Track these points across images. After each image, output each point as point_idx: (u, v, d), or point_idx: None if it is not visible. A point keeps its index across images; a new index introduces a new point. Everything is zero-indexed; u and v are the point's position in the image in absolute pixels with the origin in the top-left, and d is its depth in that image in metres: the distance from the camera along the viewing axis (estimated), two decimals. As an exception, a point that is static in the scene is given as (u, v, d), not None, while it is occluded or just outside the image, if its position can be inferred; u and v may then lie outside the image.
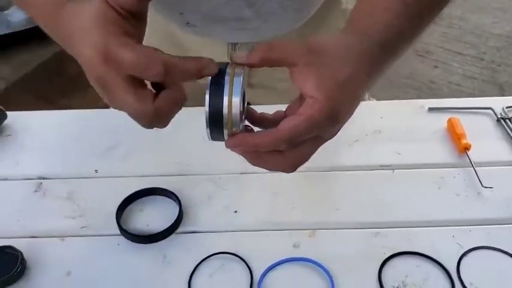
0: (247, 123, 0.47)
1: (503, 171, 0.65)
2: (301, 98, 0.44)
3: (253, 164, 0.46)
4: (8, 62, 2.24)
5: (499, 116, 0.72)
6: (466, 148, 0.66)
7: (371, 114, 0.73)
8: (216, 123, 0.43)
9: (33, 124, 0.75)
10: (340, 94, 0.43)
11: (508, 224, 0.59)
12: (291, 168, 0.46)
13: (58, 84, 2.12)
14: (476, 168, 0.64)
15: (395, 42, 0.47)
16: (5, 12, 2.25)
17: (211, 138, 0.46)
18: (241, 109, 0.43)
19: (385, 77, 0.50)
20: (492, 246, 0.56)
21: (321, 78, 0.42)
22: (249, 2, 0.62)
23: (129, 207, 0.62)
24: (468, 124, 0.70)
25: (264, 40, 0.62)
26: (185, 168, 0.67)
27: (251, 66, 0.44)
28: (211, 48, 0.71)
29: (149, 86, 0.43)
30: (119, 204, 0.61)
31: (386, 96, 1.96)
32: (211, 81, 0.43)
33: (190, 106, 0.75)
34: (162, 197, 0.62)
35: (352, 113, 0.45)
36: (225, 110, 0.42)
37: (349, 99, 0.44)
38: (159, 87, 0.42)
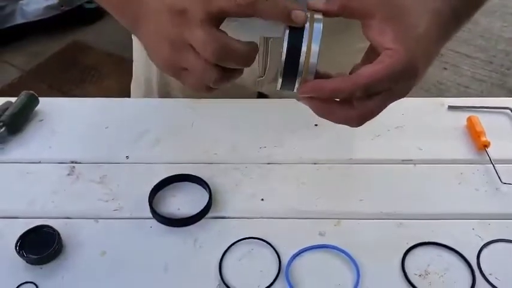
0: None
1: (521, 169, 0.67)
2: (369, 55, 0.45)
3: (320, 115, 0.46)
4: (22, 52, 2.26)
5: (517, 116, 0.74)
6: (485, 145, 0.68)
7: (393, 110, 0.74)
8: (290, 71, 0.42)
9: (65, 110, 0.77)
10: (417, 47, 0.43)
11: (525, 219, 0.61)
12: (359, 121, 0.46)
13: (71, 74, 2.15)
14: (495, 165, 0.66)
15: (461, 12, 0.49)
16: (21, 2, 2.27)
17: (281, 87, 0.45)
18: (318, 59, 0.42)
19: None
20: (511, 239, 0.59)
21: (399, 30, 0.43)
22: None
23: (161, 192, 0.64)
24: (487, 123, 0.72)
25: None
26: (212, 156, 0.69)
27: (328, 13, 0.44)
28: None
29: None
30: (150, 189, 0.63)
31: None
32: (289, 29, 0.42)
33: (216, 97, 0.78)
34: (192, 183, 0.65)
35: (425, 72, 0.46)
36: (303, 58, 0.41)
37: (425, 54, 0.45)
38: None
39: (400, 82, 0.44)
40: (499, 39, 2.27)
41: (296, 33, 0.42)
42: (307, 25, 0.42)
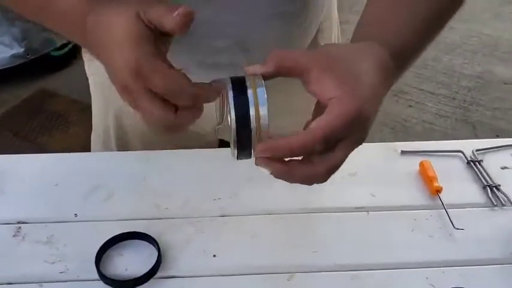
0: None
1: (473, 213, 0.67)
2: (317, 111, 0.44)
3: (283, 177, 0.45)
4: (-11, 100, 2.23)
5: (469, 159, 0.75)
6: (438, 190, 0.69)
7: (346, 157, 0.75)
8: (244, 140, 0.42)
9: (13, 167, 0.75)
10: (361, 90, 0.43)
11: (479, 265, 0.61)
12: (324, 176, 0.45)
13: (38, 122, 2.12)
14: (448, 210, 0.66)
15: (404, 53, 0.49)
16: (-14, 50, 2.26)
17: (238, 157, 0.44)
18: (269, 121, 0.42)
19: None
20: (464, 287, 0.58)
21: (339, 77, 0.43)
22: (243, 48, 0.64)
23: (108, 252, 0.62)
24: (440, 167, 0.72)
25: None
26: (164, 211, 0.68)
27: (267, 76, 0.44)
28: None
29: None
30: (98, 248, 0.61)
31: (362, 134, 2.01)
32: (234, 96, 0.42)
33: (169, 149, 0.77)
34: (141, 241, 0.63)
35: (376, 115, 0.45)
36: (253, 124, 0.41)
37: (371, 96, 0.44)
38: None
39: (355, 128, 0.44)
40: (461, 75, 2.33)
41: (242, 101, 0.42)
42: (250, 91, 0.42)
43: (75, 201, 0.69)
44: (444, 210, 0.66)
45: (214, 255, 0.62)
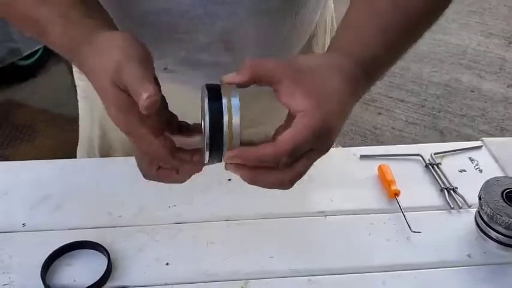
0: None
1: (431, 216, 0.67)
2: (289, 120, 0.46)
3: (250, 182, 0.47)
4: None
5: (427, 162, 0.75)
6: (396, 194, 0.68)
7: (305, 162, 0.75)
8: (216, 146, 0.44)
9: (-40, 177, 0.72)
10: (328, 103, 0.45)
11: (435, 268, 0.61)
12: (289, 184, 0.48)
13: (3, 133, 2.07)
14: (406, 213, 0.66)
15: (375, 67, 0.51)
16: (-51, 61, 2.20)
17: (208, 161, 0.46)
18: (241, 130, 0.44)
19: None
20: (420, 290, 0.57)
21: (307, 91, 0.45)
22: (227, 46, 0.63)
23: (56, 262, 0.59)
24: (398, 170, 0.72)
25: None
26: (117, 219, 0.66)
27: (242, 85, 0.45)
28: (186, 98, 0.70)
29: None
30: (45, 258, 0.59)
31: (332, 142, 2.02)
32: (209, 105, 0.44)
33: (122, 156, 0.75)
34: (91, 250, 0.61)
35: (342, 126, 0.47)
36: (226, 130, 0.44)
37: (337, 109, 0.46)
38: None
39: (320, 140, 0.45)
40: (429, 83, 2.36)
41: (216, 108, 0.44)
42: (225, 99, 0.44)
43: (24, 211, 0.67)
44: (402, 214, 0.66)
45: (167, 264, 0.60)
